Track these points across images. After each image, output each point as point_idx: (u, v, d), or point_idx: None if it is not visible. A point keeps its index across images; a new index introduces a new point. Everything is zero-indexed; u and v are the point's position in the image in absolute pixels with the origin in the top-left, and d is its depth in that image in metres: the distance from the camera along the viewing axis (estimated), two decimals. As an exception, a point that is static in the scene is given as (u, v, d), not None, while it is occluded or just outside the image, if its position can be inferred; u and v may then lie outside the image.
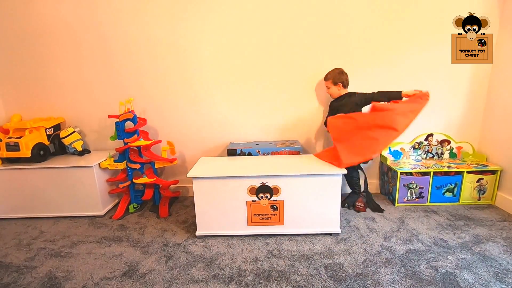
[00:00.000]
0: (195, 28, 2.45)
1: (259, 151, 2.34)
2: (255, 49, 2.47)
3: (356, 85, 2.48)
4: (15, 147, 2.26)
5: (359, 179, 2.40)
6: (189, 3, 2.39)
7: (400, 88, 2.46)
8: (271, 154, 2.33)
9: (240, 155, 2.35)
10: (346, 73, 2.32)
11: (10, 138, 2.30)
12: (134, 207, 2.49)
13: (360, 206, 2.35)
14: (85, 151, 2.60)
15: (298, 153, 2.33)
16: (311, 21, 2.40)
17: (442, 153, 2.59)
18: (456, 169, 2.35)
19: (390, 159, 2.58)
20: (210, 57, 2.50)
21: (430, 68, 2.44)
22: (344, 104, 2.28)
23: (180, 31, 2.45)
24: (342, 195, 2.06)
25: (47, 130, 2.47)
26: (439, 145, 2.58)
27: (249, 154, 2.35)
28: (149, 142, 2.39)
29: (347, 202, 2.40)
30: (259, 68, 2.51)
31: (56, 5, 2.43)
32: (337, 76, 2.29)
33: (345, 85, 2.32)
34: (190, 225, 2.21)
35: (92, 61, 2.54)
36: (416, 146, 2.59)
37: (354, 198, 2.40)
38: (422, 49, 2.41)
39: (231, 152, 2.37)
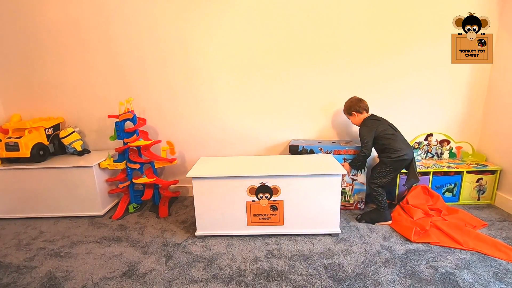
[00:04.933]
0: (204, 29, 2.44)
1: (321, 149, 2.32)
2: (262, 52, 2.46)
3: (356, 86, 2.48)
4: (15, 147, 2.26)
5: (384, 195, 2.14)
6: (197, 5, 2.39)
7: (400, 88, 2.49)
8: (334, 153, 2.30)
9: (302, 152, 2.35)
10: (358, 100, 2.25)
11: (9, 138, 2.29)
12: (133, 207, 2.49)
13: None
14: (84, 151, 2.60)
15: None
16: (315, 22, 2.39)
17: (441, 153, 2.59)
18: (455, 169, 2.35)
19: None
20: (217, 58, 2.49)
21: (430, 68, 2.44)
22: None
23: (188, 32, 2.44)
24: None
25: (46, 130, 2.47)
26: (438, 145, 2.58)
27: (311, 151, 2.33)
28: (149, 142, 2.39)
29: (364, 217, 2.18)
30: (265, 70, 2.50)
31: (57, 5, 2.43)
32: (348, 108, 2.27)
33: (361, 111, 2.23)
34: (189, 225, 2.21)
35: (92, 61, 2.54)
36: (416, 146, 2.59)
37: (375, 216, 2.15)
38: (422, 49, 2.41)
39: (293, 149, 2.36)
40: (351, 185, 2.34)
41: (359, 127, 2.26)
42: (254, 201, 1.96)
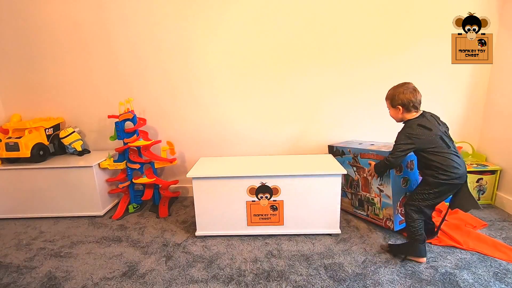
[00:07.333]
0: (204, 29, 2.44)
1: (350, 150, 2.18)
2: (263, 52, 2.46)
3: (355, 86, 2.48)
4: (15, 147, 2.26)
5: (421, 221, 1.68)
6: (198, 5, 2.38)
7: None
8: (360, 156, 2.08)
9: (335, 153, 2.29)
10: (412, 91, 1.68)
11: (9, 138, 2.29)
12: (133, 207, 2.49)
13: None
14: (84, 151, 2.60)
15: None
16: (318, 22, 2.39)
17: (442, 153, 2.58)
18: (455, 169, 2.34)
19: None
20: (217, 58, 2.49)
21: (430, 68, 2.44)
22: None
23: (188, 32, 2.44)
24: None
25: (46, 130, 2.47)
26: (439, 145, 2.57)
27: (342, 152, 2.25)
28: (149, 142, 2.39)
29: (393, 250, 1.79)
30: (266, 70, 2.50)
31: (57, 5, 2.43)
32: (394, 98, 1.72)
33: (410, 109, 1.69)
34: (189, 225, 2.21)
35: (92, 61, 2.54)
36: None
37: (406, 249, 1.72)
38: (421, 49, 2.41)
39: (331, 149, 2.35)
40: (378, 196, 2.02)
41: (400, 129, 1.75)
42: (254, 201, 1.96)
